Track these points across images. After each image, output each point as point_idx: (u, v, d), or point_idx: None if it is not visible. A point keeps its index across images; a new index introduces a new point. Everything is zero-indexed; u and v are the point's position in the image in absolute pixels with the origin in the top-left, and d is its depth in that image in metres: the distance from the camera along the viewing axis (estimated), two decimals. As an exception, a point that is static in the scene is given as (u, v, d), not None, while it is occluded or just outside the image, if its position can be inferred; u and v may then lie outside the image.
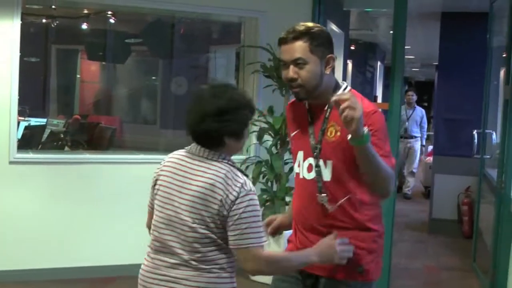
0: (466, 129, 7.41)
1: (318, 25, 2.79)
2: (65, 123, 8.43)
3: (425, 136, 11.92)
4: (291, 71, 2.67)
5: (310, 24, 2.77)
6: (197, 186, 2.46)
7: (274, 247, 5.40)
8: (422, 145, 11.67)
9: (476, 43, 7.88)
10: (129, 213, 5.67)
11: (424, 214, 8.87)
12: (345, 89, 2.76)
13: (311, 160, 2.79)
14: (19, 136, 6.35)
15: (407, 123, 11.11)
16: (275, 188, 5.71)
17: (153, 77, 11.21)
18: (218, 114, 2.45)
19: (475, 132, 6.43)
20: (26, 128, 7.43)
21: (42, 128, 8.03)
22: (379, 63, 17.04)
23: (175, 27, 9.18)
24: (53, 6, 7.91)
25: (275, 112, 5.66)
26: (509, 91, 5.16)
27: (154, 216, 2.75)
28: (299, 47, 2.67)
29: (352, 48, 10.62)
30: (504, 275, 5.08)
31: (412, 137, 11.28)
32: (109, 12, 8.61)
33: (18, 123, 5.74)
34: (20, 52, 5.28)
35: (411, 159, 11.32)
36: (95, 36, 9.83)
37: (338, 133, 2.71)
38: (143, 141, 9.52)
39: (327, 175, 2.75)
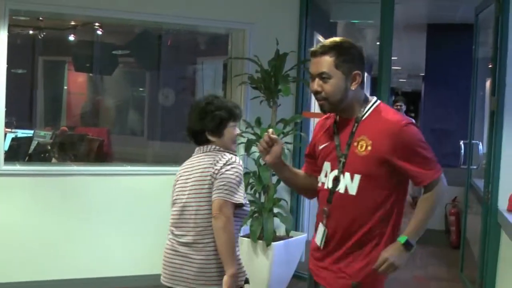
0: (453, 139, 7.45)
1: (350, 41, 2.84)
2: (52, 134, 8.38)
3: None
4: (316, 84, 2.76)
5: (341, 39, 2.84)
6: (196, 173, 3.19)
7: (262, 259, 5.40)
8: None
9: (462, 54, 7.94)
10: (117, 225, 5.67)
11: (412, 225, 8.86)
12: (374, 103, 2.84)
13: (336, 172, 2.82)
14: (6, 148, 6.31)
15: None
16: (263, 199, 5.71)
17: (141, 89, 11.18)
18: (199, 117, 3.24)
19: (461, 142, 6.46)
20: (13, 140, 7.38)
21: (29, 140, 7.98)
22: (365, 74, 17.07)
23: (162, 39, 9.18)
24: (40, 18, 7.89)
25: (262, 123, 5.67)
26: (495, 102, 5.19)
27: (172, 206, 3.33)
28: (325, 62, 2.75)
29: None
30: (491, 285, 5.10)
31: None
32: (96, 24, 8.58)
33: (5, 135, 5.71)
34: (7, 63, 5.27)
35: None
36: (82, 47, 9.79)
37: (369, 148, 2.74)
38: (131, 152, 9.49)
39: (353, 189, 2.77)
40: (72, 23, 8.63)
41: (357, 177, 2.76)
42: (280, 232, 5.82)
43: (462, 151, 6.36)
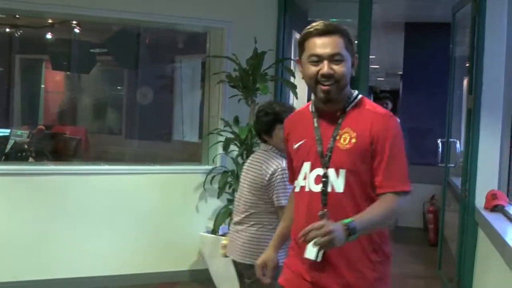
0: (431, 137, 7.49)
1: None
2: (29, 133, 8.33)
3: None
4: (327, 67, 2.50)
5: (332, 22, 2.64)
6: (253, 169, 3.82)
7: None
8: None
9: (439, 53, 7.98)
10: (96, 224, 5.64)
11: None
12: (357, 95, 2.64)
13: (319, 171, 2.57)
14: (-18, 148, 6.27)
15: None
16: (241, 198, 5.70)
17: (119, 87, 11.14)
18: (255, 121, 3.94)
19: (439, 141, 6.49)
20: (-11, 139, 7.34)
21: (5, 139, 7.93)
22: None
23: (140, 37, 9.14)
24: (17, 16, 7.83)
25: (240, 122, 5.67)
26: (472, 101, 5.22)
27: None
28: (338, 42, 2.53)
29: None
30: (469, 282, 5.13)
31: None
32: (74, 22, 8.54)
33: (-19, 134, 5.66)
34: (-17, 62, 5.22)
35: None
36: (59, 45, 9.73)
37: (354, 140, 2.53)
38: (109, 151, 9.46)
39: (339, 186, 2.53)
40: (50, 21, 8.57)
41: (342, 173, 2.52)
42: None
43: (440, 149, 6.40)
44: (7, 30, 9.20)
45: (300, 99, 6.43)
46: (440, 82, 7.42)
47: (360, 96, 2.65)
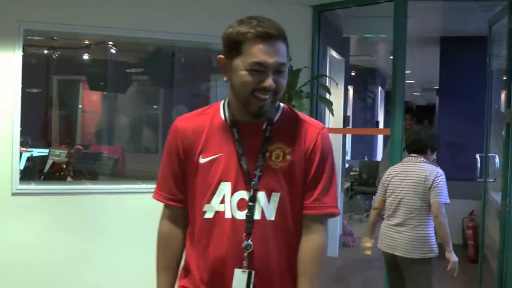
0: (469, 152, 7.40)
1: None
2: (67, 153, 8.41)
3: None
4: (272, 79, 2.11)
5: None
6: (415, 175, 4.70)
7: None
8: None
9: (476, 67, 7.93)
10: (134, 243, 5.64)
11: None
12: (278, 106, 2.28)
13: (243, 194, 2.17)
14: (22, 167, 6.33)
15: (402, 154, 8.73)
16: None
17: (155, 106, 11.21)
18: (423, 138, 4.90)
19: (477, 155, 6.42)
20: (28, 159, 7.41)
21: (44, 159, 8.01)
22: (379, 88, 17.09)
23: (175, 56, 9.20)
24: (54, 37, 7.94)
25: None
26: (510, 115, 5.17)
27: (388, 199, 4.85)
28: (283, 50, 2.18)
29: (353, 74, 10.62)
30: (510, 299, 5.05)
31: None
32: (110, 43, 8.63)
33: (21, 154, 5.72)
34: (22, 83, 5.29)
35: None
36: (96, 66, 9.84)
37: (288, 157, 2.18)
38: (145, 170, 9.50)
39: (270, 213, 2.17)
40: (86, 42, 8.68)
41: (275, 197, 2.16)
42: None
43: (478, 164, 6.33)
44: (45, 51, 9.34)
45: (336, 116, 6.44)
46: (477, 96, 7.36)
47: (282, 104, 2.30)
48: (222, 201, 2.18)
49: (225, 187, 2.18)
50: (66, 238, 5.49)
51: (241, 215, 2.16)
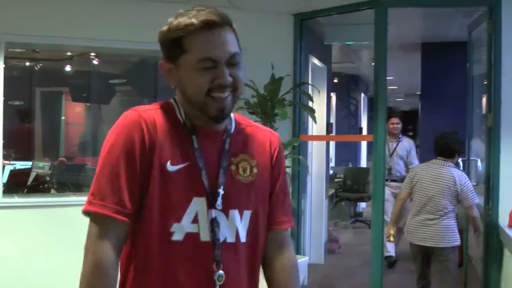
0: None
1: None
2: (51, 165, 8.38)
3: None
4: (227, 74, 1.80)
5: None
6: (445, 179, 5.18)
7: (264, 283, 5.37)
8: None
9: (457, 72, 7.99)
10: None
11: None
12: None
13: (213, 212, 1.83)
14: (4, 181, 6.31)
15: (390, 160, 8.01)
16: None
17: (138, 117, 11.19)
18: (452, 141, 5.36)
19: (460, 160, 6.46)
20: (11, 172, 7.38)
21: (27, 171, 7.98)
22: (362, 94, 17.18)
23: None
24: (36, 50, 7.93)
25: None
26: (491, 119, 5.21)
27: (415, 196, 5.37)
28: (233, 38, 1.87)
29: (335, 81, 10.67)
30: (495, 302, 5.09)
31: (399, 179, 7.93)
32: (93, 54, 8.63)
33: (3, 167, 5.71)
34: (4, 95, 5.28)
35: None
36: (79, 77, 9.82)
37: (255, 170, 1.91)
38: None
39: (242, 234, 1.88)
40: (68, 53, 8.67)
41: (246, 215, 1.88)
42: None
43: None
44: (27, 64, 9.32)
45: (319, 124, 6.45)
46: (458, 101, 7.40)
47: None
48: (195, 221, 1.81)
49: (199, 204, 1.81)
50: (51, 250, 5.47)
51: (210, 237, 1.83)
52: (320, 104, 7.78)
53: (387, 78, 5.72)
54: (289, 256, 2.03)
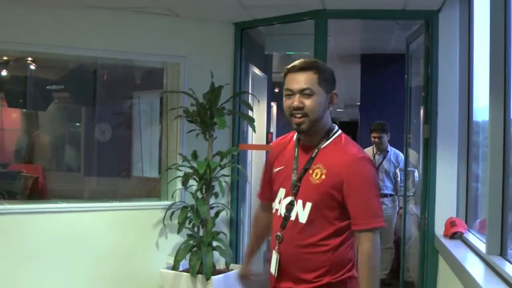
0: (389, 167, 7.53)
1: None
2: (-16, 173, 8.19)
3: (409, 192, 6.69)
4: (297, 100, 2.72)
5: (314, 59, 2.89)
6: None
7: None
8: (400, 208, 7.35)
9: (395, 84, 8.10)
10: (55, 263, 5.52)
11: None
12: (336, 132, 2.84)
13: (289, 199, 2.81)
14: None
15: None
16: (201, 233, 5.66)
17: (77, 124, 11.02)
18: None
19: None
20: None
21: (-40, 179, 7.78)
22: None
23: (97, 73, 9.07)
24: (-30, 54, 7.74)
25: (199, 156, 5.64)
26: (428, 130, 5.29)
27: None
28: (308, 78, 2.73)
29: (276, 90, 10.67)
30: (430, 311, 5.15)
31: (385, 195, 7.34)
32: (29, 59, 8.46)
33: None
34: None
35: (385, 230, 7.03)
36: (15, 83, 9.61)
37: (323, 177, 2.72)
38: (67, 189, 9.31)
39: (303, 217, 2.75)
40: (4, 58, 8.48)
41: (308, 205, 2.74)
42: (220, 266, 5.78)
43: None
44: (-40, 68, 9.08)
45: (259, 133, 6.44)
46: (397, 112, 7.49)
47: (339, 133, 2.85)
48: (279, 202, 2.86)
49: (282, 192, 2.86)
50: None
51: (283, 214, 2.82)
52: (260, 113, 7.78)
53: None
54: (363, 252, 2.68)
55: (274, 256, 2.85)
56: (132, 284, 5.82)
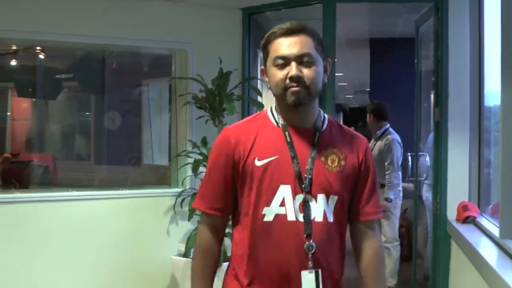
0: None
1: None
2: (-5, 162, 8.22)
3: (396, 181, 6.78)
4: (295, 68, 2.18)
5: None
6: None
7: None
8: (386, 199, 6.69)
9: (405, 68, 8.04)
10: (67, 251, 5.53)
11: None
12: (324, 115, 2.38)
13: (302, 196, 2.21)
14: None
15: None
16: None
17: (86, 113, 11.04)
18: None
19: (409, 154, 6.51)
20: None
21: (-28, 168, 7.82)
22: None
23: (106, 61, 9.08)
24: (-20, 44, 7.75)
25: (208, 143, 5.62)
26: (438, 113, 5.26)
27: None
28: (307, 42, 2.21)
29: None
30: (443, 295, 5.14)
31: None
32: (38, 48, 8.46)
33: None
34: None
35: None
36: (24, 72, 9.63)
37: (343, 162, 2.28)
38: (77, 177, 9.35)
39: (329, 215, 2.23)
40: (13, 47, 8.48)
41: (333, 199, 2.25)
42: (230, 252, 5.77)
43: (410, 163, 6.41)
44: (-30, 58, 9.10)
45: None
46: (407, 96, 7.45)
47: (327, 116, 2.39)
48: (282, 204, 2.20)
49: (285, 190, 2.20)
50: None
51: (302, 217, 2.20)
52: (270, 99, 7.75)
53: (336, 74, 5.72)
54: (376, 242, 2.38)
55: (310, 277, 2.20)
56: (144, 271, 5.83)
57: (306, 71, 2.19)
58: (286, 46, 2.20)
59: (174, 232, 5.93)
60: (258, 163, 2.23)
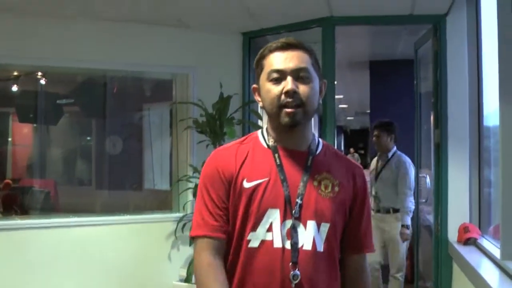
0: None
1: None
2: (-4, 188, 8.22)
3: (413, 206, 6.37)
4: (291, 83, 2.04)
5: None
6: None
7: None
8: (404, 226, 6.31)
9: (405, 89, 8.07)
10: (66, 277, 5.51)
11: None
12: (318, 139, 2.27)
13: (290, 221, 2.07)
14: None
15: (375, 183, 6.71)
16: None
17: (88, 137, 11.05)
18: None
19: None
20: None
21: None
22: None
23: (107, 86, 9.10)
24: (-19, 70, 7.77)
25: (209, 167, 5.61)
26: (438, 135, 5.27)
27: None
28: (303, 57, 2.10)
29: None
30: (446, 317, 5.11)
31: (383, 210, 6.48)
32: (39, 74, 8.49)
33: None
34: None
35: (393, 256, 6.67)
36: (25, 98, 9.64)
37: (337, 188, 2.15)
38: (79, 203, 9.33)
39: (319, 243, 2.09)
40: (15, 73, 8.51)
41: (324, 227, 2.10)
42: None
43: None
44: (-28, 84, 9.13)
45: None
46: (407, 118, 7.46)
47: (320, 139, 2.28)
48: (269, 229, 2.05)
49: (273, 215, 2.06)
50: (-3, 275, 5.32)
51: (289, 244, 2.05)
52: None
53: (337, 96, 5.74)
54: (368, 278, 2.28)
55: None
56: (145, 297, 5.81)
57: (302, 88, 2.06)
58: (282, 59, 2.08)
59: (176, 257, 5.92)
60: (247, 184, 2.09)
